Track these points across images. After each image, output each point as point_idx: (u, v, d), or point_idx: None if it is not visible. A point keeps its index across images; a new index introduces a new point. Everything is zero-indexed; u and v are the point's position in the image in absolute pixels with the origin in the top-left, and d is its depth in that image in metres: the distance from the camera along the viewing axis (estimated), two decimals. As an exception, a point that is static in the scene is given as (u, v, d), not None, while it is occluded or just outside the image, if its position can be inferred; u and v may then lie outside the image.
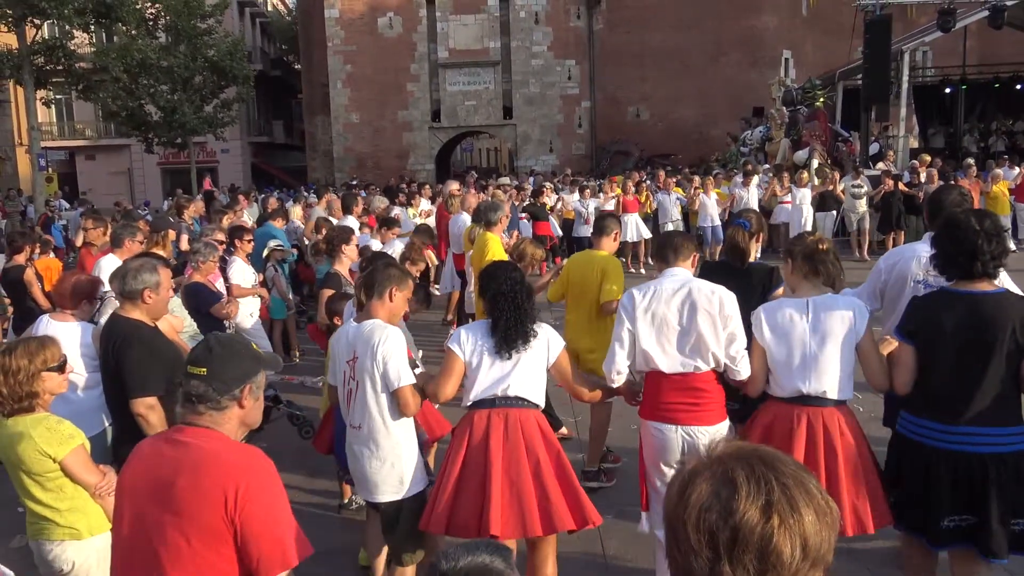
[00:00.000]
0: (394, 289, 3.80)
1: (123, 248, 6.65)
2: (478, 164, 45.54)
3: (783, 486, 1.18)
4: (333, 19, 32.30)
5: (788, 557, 1.14)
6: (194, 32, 28.17)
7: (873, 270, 4.39)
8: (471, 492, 3.54)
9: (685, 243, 4.05)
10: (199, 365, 2.30)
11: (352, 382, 3.71)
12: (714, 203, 15.59)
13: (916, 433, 3.37)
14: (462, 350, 3.67)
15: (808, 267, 3.65)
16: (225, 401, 2.31)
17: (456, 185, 14.38)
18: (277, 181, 37.09)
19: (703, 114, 31.85)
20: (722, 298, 3.74)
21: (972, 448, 3.22)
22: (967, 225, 3.32)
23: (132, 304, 4.00)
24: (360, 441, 3.71)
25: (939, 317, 3.30)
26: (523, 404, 3.65)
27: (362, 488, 3.85)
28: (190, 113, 28.20)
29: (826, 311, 3.54)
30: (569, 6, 32.57)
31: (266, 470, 2.26)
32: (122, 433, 3.99)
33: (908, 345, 3.40)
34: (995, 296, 3.28)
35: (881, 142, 19.46)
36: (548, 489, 3.53)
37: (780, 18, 32.26)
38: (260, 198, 18.29)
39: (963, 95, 23.61)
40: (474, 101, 32.68)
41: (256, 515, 2.17)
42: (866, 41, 17.94)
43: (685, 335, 3.74)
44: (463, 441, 3.63)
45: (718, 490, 1.19)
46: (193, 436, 2.27)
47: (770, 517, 1.15)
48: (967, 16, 19.28)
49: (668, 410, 3.78)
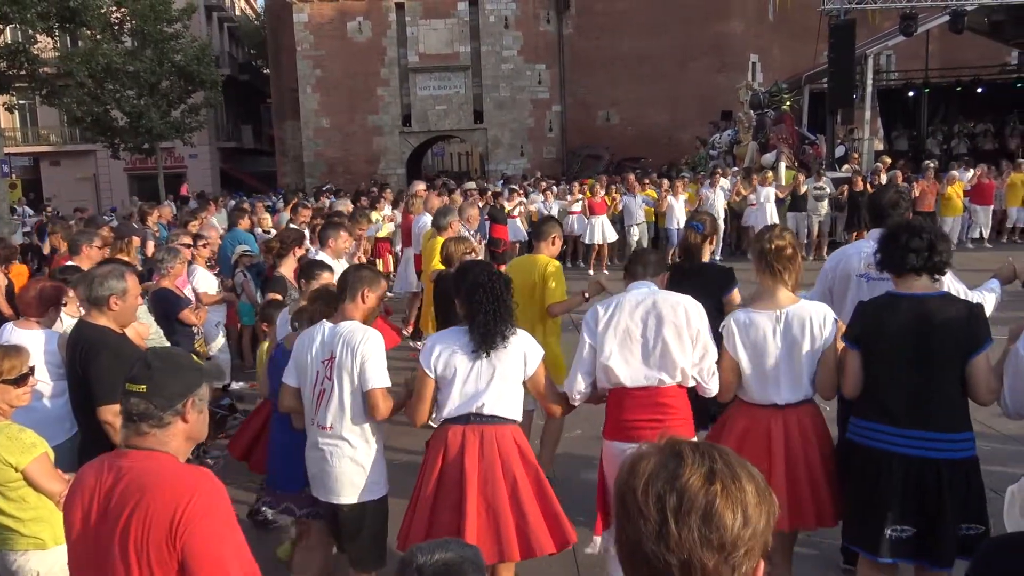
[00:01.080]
0: (366, 290, 3.78)
1: (81, 255, 6.57)
2: (449, 168, 45.56)
3: (725, 460, 1.26)
4: (302, 23, 32.13)
5: (730, 521, 1.20)
6: (161, 37, 27.86)
7: (821, 271, 4.48)
8: (446, 513, 3.46)
9: (657, 261, 3.97)
10: (138, 382, 2.20)
11: (327, 382, 3.66)
12: (682, 206, 15.78)
13: (868, 437, 3.36)
14: (432, 368, 3.55)
15: (762, 265, 3.58)
16: (168, 417, 2.20)
17: (422, 186, 14.36)
18: (246, 187, 36.79)
19: (672, 118, 32.11)
20: (688, 309, 3.63)
21: (927, 453, 3.21)
22: (919, 224, 3.43)
23: (98, 311, 3.96)
24: (330, 442, 3.67)
25: (882, 321, 3.32)
26: (499, 421, 3.54)
27: (323, 490, 3.74)
28: (157, 118, 27.87)
29: (799, 322, 3.48)
30: (539, 11, 32.68)
31: (212, 492, 2.14)
32: (89, 441, 3.95)
33: (854, 350, 3.41)
34: (937, 299, 3.31)
35: (847, 144, 19.78)
36: (526, 510, 3.44)
37: (747, 23, 32.64)
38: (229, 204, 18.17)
39: (926, 98, 24.05)
40: (444, 105, 32.67)
41: (201, 539, 2.07)
42: (831, 45, 18.24)
43: (650, 348, 3.62)
44: (437, 458, 3.54)
45: (666, 461, 1.26)
46: (135, 459, 2.18)
47: (713, 483, 1.22)
48: (929, 21, 19.67)
49: (632, 428, 3.62)
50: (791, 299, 3.54)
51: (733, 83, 27.43)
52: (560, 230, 5.64)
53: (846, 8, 18.38)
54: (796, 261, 3.57)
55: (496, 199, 16.29)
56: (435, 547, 1.61)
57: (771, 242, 3.58)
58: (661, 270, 3.97)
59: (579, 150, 32.59)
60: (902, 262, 3.36)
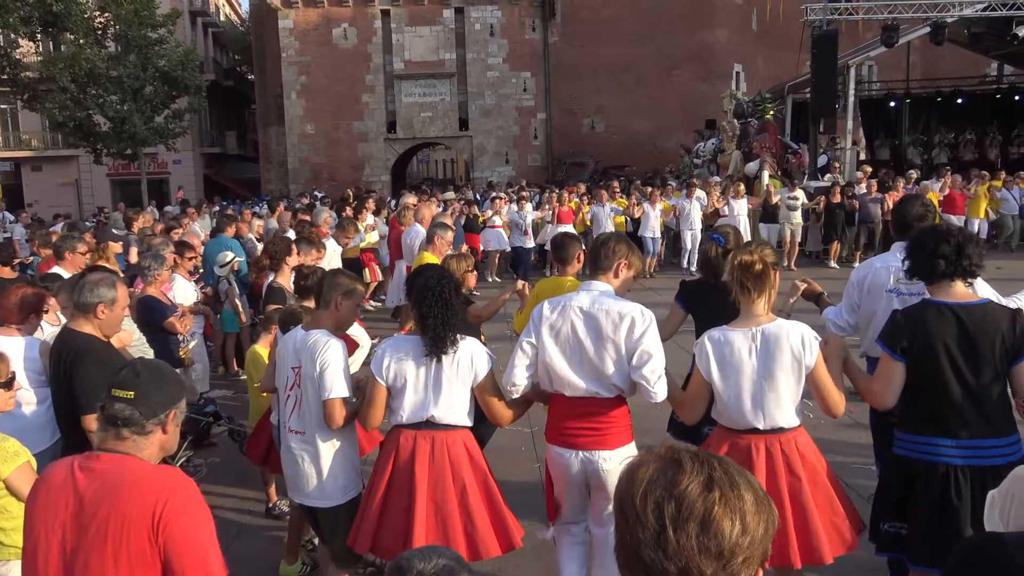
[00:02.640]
0: (340, 298, 3.80)
1: (65, 260, 6.53)
2: (435, 175, 45.55)
3: (724, 468, 1.28)
4: (287, 29, 32.08)
5: (728, 529, 1.21)
6: (145, 42, 27.73)
7: (848, 285, 4.35)
8: (396, 514, 3.52)
9: (604, 252, 3.72)
10: (125, 388, 2.27)
11: (296, 389, 3.75)
12: (657, 215, 15.88)
13: (927, 452, 3.24)
14: (383, 374, 3.57)
15: (732, 282, 3.42)
16: (150, 425, 2.28)
17: (413, 198, 14.39)
18: (230, 193, 36.64)
19: (657, 126, 32.28)
20: (633, 319, 3.46)
21: (985, 461, 3.16)
22: (944, 226, 3.34)
23: (84, 318, 3.94)
24: (301, 447, 3.75)
25: (930, 331, 3.21)
26: (450, 427, 3.59)
27: (297, 492, 3.84)
28: (140, 124, 27.73)
29: (776, 343, 3.32)
30: (524, 19, 32.78)
31: (187, 489, 2.23)
32: (71, 448, 3.91)
33: (898, 361, 3.26)
34: (981, 307, 3.25)
35: (829, 154, 19.94)
36: (474, 515, 3.49)
37: (731, 33, 32.90)
38: (214, 211, 18.09)
39: (907, 108, 24.31)
40: (430, 112, 32.68)
41: (180, 536, 2.15)
42: (813, 56, 18.41)
43: (588, 361, 3.52)
44: (389, 460, 3.60)
45: (665, 469, 1.27)
46: (109, 462, 2.24)
47: (711, 490, 1.23)
48: (910, 32, 19.89)
49: (569, 435, 3.61)
50: (768, 316, 3.39)
51: (717, 92, 27.65)
52: (581, 245, 5.37)
53: (828, 19, 18.57)
54: (767, 276, 3.38)
55: (469, 207, 16.35)
56: (429, 553, 1.63)
57: (737, 258, 3.44)
58: (615, 261, 3.69)
59: (564, 158, 32.68)
60: (932, 268, 3.28)
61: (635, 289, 4.00)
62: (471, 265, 5.94)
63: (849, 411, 6.10)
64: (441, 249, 7.15)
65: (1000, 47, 21.64)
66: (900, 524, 3.34)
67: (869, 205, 15.76)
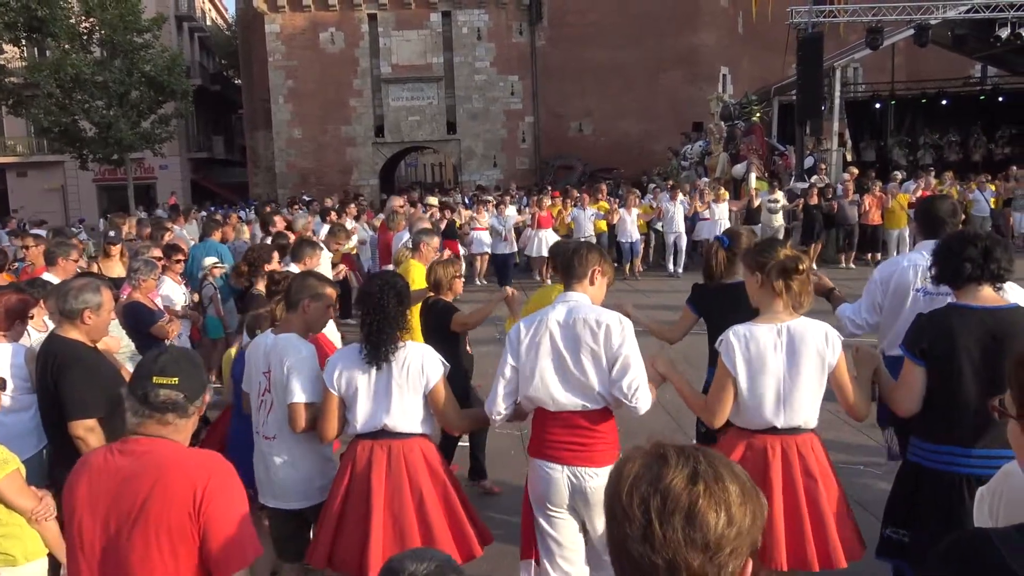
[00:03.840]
0: (308, 301, 3.77)
1: (57, 266, 6.49)
2: (423, 179, 45.47)
3: (709, 461, 1.28)
4: (274, 34, 32.00)
5: (713, 521, 1.22)
6: (130, 47, 27.62)
7: (869, 283, 4.29)
8: (352, 526, 3.47)
9: (577, 261, 3.61)
10: (167, 375, 2.34)
11: (267, 394, 3.73)
12: (634, 219, 15.91)
13: (939, 462, 3.17)
14: (335, 385, 3.54)
15: (783, 285, 3.29)
16: (192, 408, 2.38)
17: (400, 201, 14.32)
18: (218, 198, 36.50)
19: (645, 129, 32.37)
20: (609, 327, 3.39)
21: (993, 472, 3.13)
22: (971, 231, 3.27)
23: (71, 324, 3.91)
24: (273, 452, 3.74)
25: (954, 336, 3.11)
26: (406, 436, 3.53)
27: (270, 495, 3.82)
28: (126, 129, 27.60)
29: (801, 340, 3.26)
30: (511, 22, 32.82)
31: (227, 471, 2.34)
32: (59, 455, 3.90)
33: (919, 366, 3.17)
34: (1009, 311, 3.16)
35: (815, 155, 20.04)
36: (432, 524, 3.44)
37: (718, 35, 33.05)
38: (202, 216, 18.01)
39: (892, 110, 24.49)
40: (418, 116, 32.67)
41: (219, 514, 2.25)
42: (799, 58, 18.52)
43: (570, 372, 3.43)
44: (346, 470, 3.56)
45: (651, 464, 1.29)
46: (148, 445, 2.32)
47: (696, 483, 1.24)
48: (894, 34, 20.04)
49: (554, 448, 3.47)
50: (791, 314, 3.33)
51: (704, 94, 27.79)
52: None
53: (814, 22, 18.68)
54: (810, 285, 3.36)
55: (450, 213, 16.34)
56: (421, 555, 1.65)
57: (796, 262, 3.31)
58: (589, 269, 3.60)
59: (552, 160, 32.74)
60: (958, 273, 3.19)
61: (624, 291, 3.99)
62: (459, 270, 5.86)
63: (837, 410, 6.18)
64: (427, 256, 7.05)
65: (983, 49, 21.82)
66: (903, 531, 3.27)
67: (846, 207, 15.83)
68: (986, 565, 1.38)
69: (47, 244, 7.82)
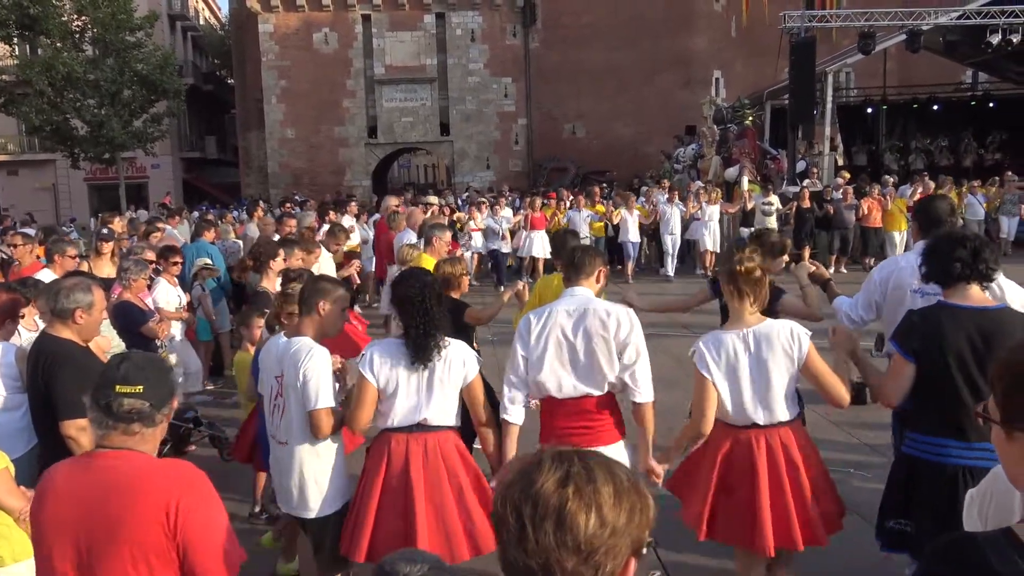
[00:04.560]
0: (322, 303, 3.73)
1: (55, 264, 6.49)
2: (416, 180, 45.47)
3: (584, 464, 1.29)
4: (267, 34, 31.95)
5: (583, 523, 1.23)
6: (123, 45, 27.57)
7: (867, 282, 4.39)
8: (393, 519, 3.50)
9: (588, 259, 3.86)
10: (131, 383, 2.23)
11: (279, 399, 3.68)
12: (635, 220, 16.00)
13: (935, 453, 3.28)
14: (375, 376, 3.55)
15: (732, 287, 3.54)
16: (159, 417, 2.29)
17: (395, 201, 14.30)
18: (210, 197, 36.41)
19: (638, 131, 32.42)
20: (619, 318, 3.63)
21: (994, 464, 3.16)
22: (961, 232, 3.38)
23: (62, 323, 3.90)
24: (286, 457, 3.69)
25: (944, 334, 3.23)
26: (440, 429, 3.61)
27: (287, 503, 3.80)
28: (118, 128, 27.54)
29: (767, 342, 3.47)
30: (505, 24, 32.86)
31: (200, 483, 2.25)
32: (49, 455, 3.87)
33: (909, 362, 3.30)
34: (997, 312, 3.29)
35: (807, 159, 20.10)
36: (472, 512, 3.52)
37: (711, 39, 33.13)
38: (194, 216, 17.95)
39: (884, 115, 24.57)
40: (411, 118, 32.66)
41: (197, 527, 2.17)
42: (791, 63, 18.58)
43: (579, 361, 3.63)
44: (380, 465, 3.57)
45: (525, 470, 1.30)
46: (114, 459, 2.22)
47: (566, 486, 1.25)
48: (886, 40, 20.12)
49: (562, 434, 3.66)
50: (757, 319, 3.54)
51: (697, 98, 27.83)
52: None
53: (806, 26, 18.74)
54: (763, 284, 3.55)
55: (452, 213, 16.37)
56: (413, 556, 1.64)
57: (741, 264, 3.53)
58: (595, 268, 3.84)
59: (545, 163, 32.76)
60: (947, 272, 3.32)
61: (616, 293, 4.03)
62: (465, 269, 5.94)
63: (826, 413, 6.20)
64: (439, 250, 7.11)
65: (975, 55, 21.94)
66: (905, 522, 3.38)
67: (844, 211, 15.91)
68: (974, 569, 1.40)
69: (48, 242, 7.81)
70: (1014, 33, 17.91)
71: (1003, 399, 1.48)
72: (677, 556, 4.60)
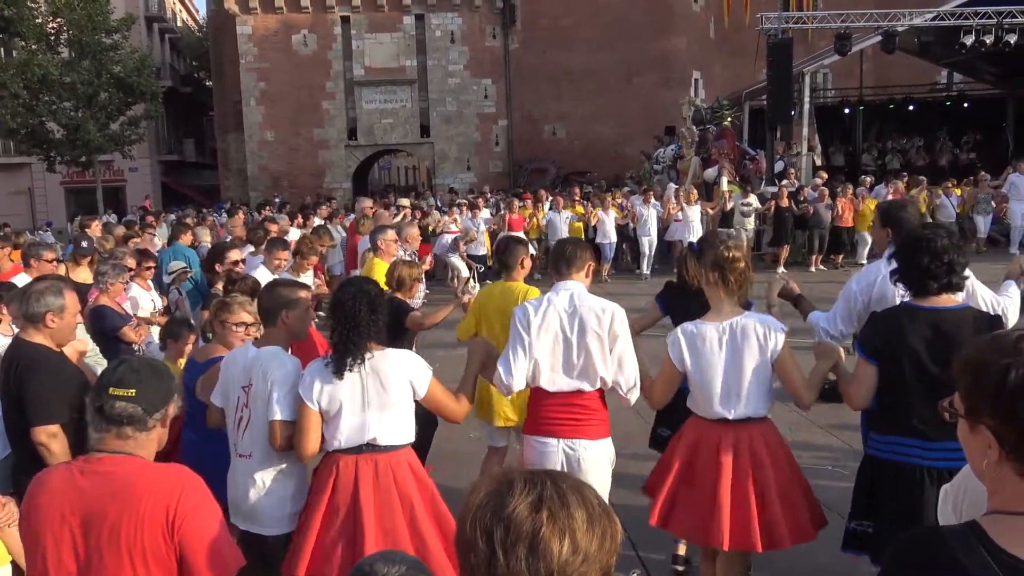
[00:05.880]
0: (284, 313, 3.62)
1: (32, 268, 6.43)
2: (396, 182, 45.36)
3: (557, 487, 1.27)
4: (246, 36, 31.73)
5: (557, 549, 1.21)
6: (99, 47, 27.30)
7: (845, 292, 4.27)
8: (340, 545, 3.30)
9: (578, 253, 3.86)
10: (125, 386, 2.25)
11: (245, 410, 3.54)
12: (612, 220, 16.05)
13: (896, 453, 3.31)
14: (314, 402, 3.36)
15: (718, 275, 3.55)
16: (152, 421, 2.29)
17: (369, 203, 14.28)
18: (189, 200, 36.13)
19: (618, 132, 32.50)
20: (614, 314, 3.65)
21: (954, 464, 3.10)
22: (939, 241, 3.32)
23: (35, 328, 3.83)
24: (249, 471, 3.53)
25: (904, 334, 3.26)
26: (391, 448, 3.39)
27: (241, 518, 3.59)
28: (95, 131, 27.26)
29: (744, 336, 3.48)
30: (485, 26, 32.84)
31: (197, 486, 2.28)
32: (23, 462, 3.83)
33: (871, 364, 3.33)
34: (956, 312, 3.31)
35: (786, 160, 20.24)
36: (425, 537, 3.32)
37: (690, 40, 33.28)
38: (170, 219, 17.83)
39: (861, 115, 24.79)
40: (391, 119, 32.56)
41: (195, 530, 2.20)
42: (769, 64, 18.70)
43: (574, 356, 3.65)
44: (326, 488, 3.37)
45: (496, 491, 1.27)
46: (111, 464, 2.23)
47: (540, 511, 1.23)
48: (862, 41, 20.31)
49: (550, 424, 3.69)
50: (736, 311, 3.56)
51: (677, 98, 28.00)
52: (527, 249, 5.30)
53: (783, 28, 18.87)
54: (748, 275, 3.58)
55: (423, 216, 16.32)
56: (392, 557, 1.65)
57: (728, 251, 3.55)
58: (585, 262, 3.85)
59: (526, 164, 32.78)
60: (921, 285, 3.32)
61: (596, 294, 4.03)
62: (420, 273, 5.88)
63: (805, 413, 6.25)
64: (388, 251, 7.01)
65: (949, 56, 22.16)
66: (868, 523, 3.39)
67: (821, 211, 16.03)
68: (940, 563, 1.41)
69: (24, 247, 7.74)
70: (987, 34, 18.11)
71: (965, 393, 1.51)
72: (657, 556, 4.62)
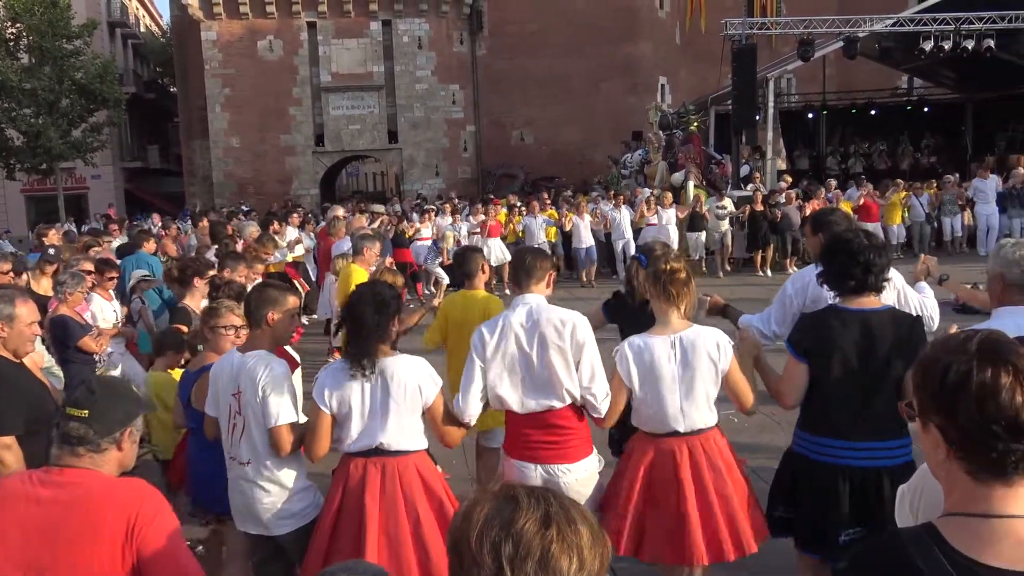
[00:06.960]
0: (271, 313, 3.62)
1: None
2: (364, 188, 45.11)
3: (561, 503, 1.27)
4: (211, 41, 31.41)
5: (566, 566, 1.21)
6: (60, 53, 26.89)
7: (780, 295, 4.30)
8: (346, 547, 3.35)
9: (537, 263, 3.74)
10: (80, 407, 2.26)
11: (238, 417, 3.54)
12: (587, 225, 16.09)
13: (817, 452, 3.41)
14: (327, 404, 3.40)
15: (657, 289, 3.52)
16: (105, 444, 2.28)
17: (341, 210, 14.25)
18: (154, 208, 35.65)
19: (586, 138, 32.64)
20: (575, 324, 3.53)
21: (870, 463, 3.31)
22: (857, 242, 3.42)
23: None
24: (249, 478, 3.55)
25: (833, 335, 3.34)
26: (402, 453, 3.42)
27: (250, 524, 3.63)
28: (56, 138, 26.83)
29: (693, 349, 3.45)
30: (452, 32, 32.82)
31: (156, 498, 2.28)
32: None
33: (801, 363, 3.41)
34: (882, 314, 3.40)
35: (751, 164, 20.46)
36: (428, 545, 3.32)
37: (656, 46, 33.53)
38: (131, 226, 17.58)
39: (824, 120, 25.14)
40: (358, 125, 32.39)
41: (155, 543, 2.19)
42: (734, 69, 18.90)
43: (536, 373, 3.53)
44: (338, 489, 3.46)
45: (501, 507, 1.26)
46: (72, 477, 2.23)
47: (549, 527, 1.22)
48: (824, 46, 20.62)
49: (530, 448, 3.59)
50: (684, 324, 3.52)
51: (643, 104, 28.13)
52: (483, 257, 5.37)
53: (747, 33, 19.09)
54: (690, 285, 3.54)
55: (399, 221, 16.27)
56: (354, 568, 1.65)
57: (666, 264, 3.54)
58: (546, 272, 3.76)
59: (494, 169, 32.80)
60: (841, 285, 3.44)
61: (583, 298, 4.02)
62: (402, 282, 5.93)
63: (771, 413, 6.30)
64: (370, 260, 7.04)
65: (909, 61, 22.56)
66: (790, 511, 3.54)
67: (790, 214, 16.23)
68: (898, 568, 1.41)
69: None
70: (945, 40, 18.46)
71: (917, 393, 1.53)
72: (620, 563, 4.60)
